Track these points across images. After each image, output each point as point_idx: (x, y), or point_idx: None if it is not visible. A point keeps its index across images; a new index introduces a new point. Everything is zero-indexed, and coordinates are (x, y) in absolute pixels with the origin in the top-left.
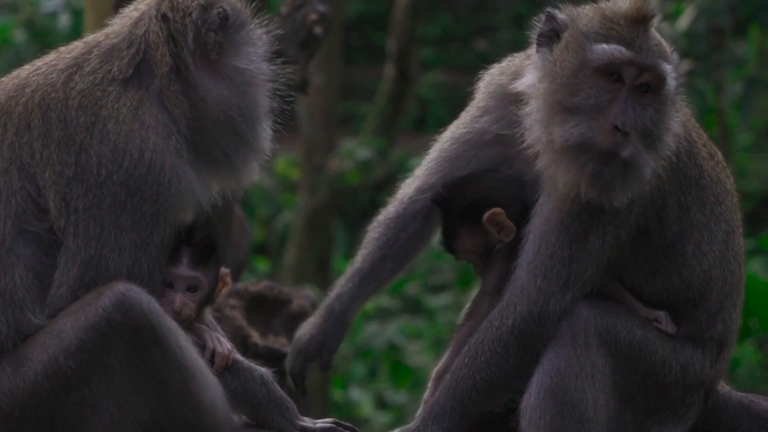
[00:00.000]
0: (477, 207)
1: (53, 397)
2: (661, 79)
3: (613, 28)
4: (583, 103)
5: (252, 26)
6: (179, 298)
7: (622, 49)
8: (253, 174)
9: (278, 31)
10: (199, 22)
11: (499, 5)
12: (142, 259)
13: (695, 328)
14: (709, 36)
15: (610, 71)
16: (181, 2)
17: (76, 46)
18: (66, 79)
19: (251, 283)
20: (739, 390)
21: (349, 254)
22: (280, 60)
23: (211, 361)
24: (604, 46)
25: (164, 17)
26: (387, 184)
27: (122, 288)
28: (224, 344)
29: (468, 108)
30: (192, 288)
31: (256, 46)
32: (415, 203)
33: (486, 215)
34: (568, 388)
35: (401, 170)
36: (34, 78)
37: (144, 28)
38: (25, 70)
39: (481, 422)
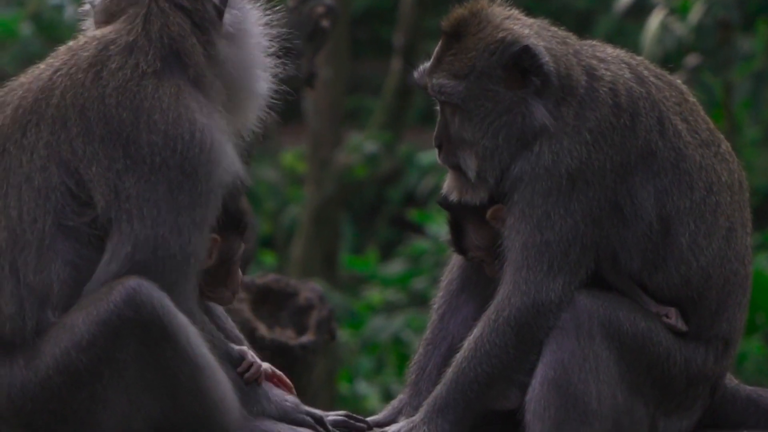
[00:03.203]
0: (481, 206)
1: (65, 392)
2: (436, 94)
3: (435, 48)
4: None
5: None
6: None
7: (415, 71)
8: (256, 118)
9: (285, 24)
10: (219, 3)
11: None
12: (198, 237)
13: (700, 326)
14: (717, 30)
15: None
16: None
17: (88, 44)
18: (93, 77)
19: (258, 276)
20: (746, 385)
21: (356, 248)
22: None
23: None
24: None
25: (182, 8)
26: (394, 178)
27: (133, 284)
28: (262, 364)
29: None
30: None
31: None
32: None
33: (489, 212)
34: (572, 380)
35: (408, 164)
36: (60, 79)
37: (159, 23)
38: (45, 71)
39: (487, 417)
